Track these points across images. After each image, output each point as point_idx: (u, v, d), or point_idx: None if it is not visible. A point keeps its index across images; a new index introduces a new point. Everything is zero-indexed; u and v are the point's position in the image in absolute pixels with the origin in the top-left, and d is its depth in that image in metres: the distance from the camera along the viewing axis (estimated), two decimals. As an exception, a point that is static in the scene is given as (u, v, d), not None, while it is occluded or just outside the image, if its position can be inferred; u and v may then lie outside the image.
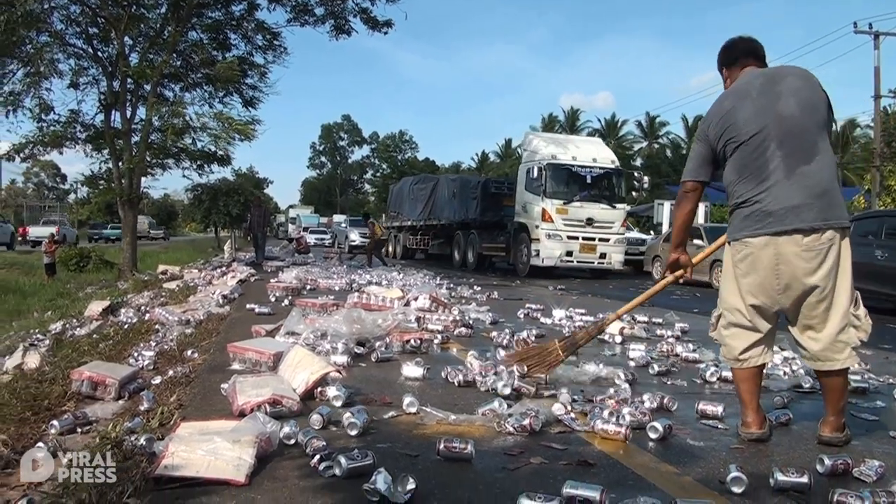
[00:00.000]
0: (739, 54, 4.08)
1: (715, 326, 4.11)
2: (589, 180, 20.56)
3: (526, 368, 4.98)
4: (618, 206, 20.99)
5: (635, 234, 23.99)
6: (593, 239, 20.42)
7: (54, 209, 76.87)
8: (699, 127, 4.12)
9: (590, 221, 20.34)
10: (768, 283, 3.74)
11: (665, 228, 28.32)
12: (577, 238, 20.30)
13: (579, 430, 3.83)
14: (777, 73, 3.87)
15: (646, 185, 29.48)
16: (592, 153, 21.64)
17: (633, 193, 23.95)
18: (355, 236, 38.58)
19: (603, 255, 20.56)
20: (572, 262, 20.55)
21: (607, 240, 20.58)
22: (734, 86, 3.97)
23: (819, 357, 3.74)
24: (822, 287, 3.65)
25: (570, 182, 20.50)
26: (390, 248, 32.78)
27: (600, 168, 20.91)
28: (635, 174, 24.30)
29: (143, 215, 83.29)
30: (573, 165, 20.58)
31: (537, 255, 20.15)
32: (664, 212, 30.75)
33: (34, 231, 42.17)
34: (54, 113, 19.99)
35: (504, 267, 24.30)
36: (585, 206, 20.36)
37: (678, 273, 4.40)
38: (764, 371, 4.10)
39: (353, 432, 3.60)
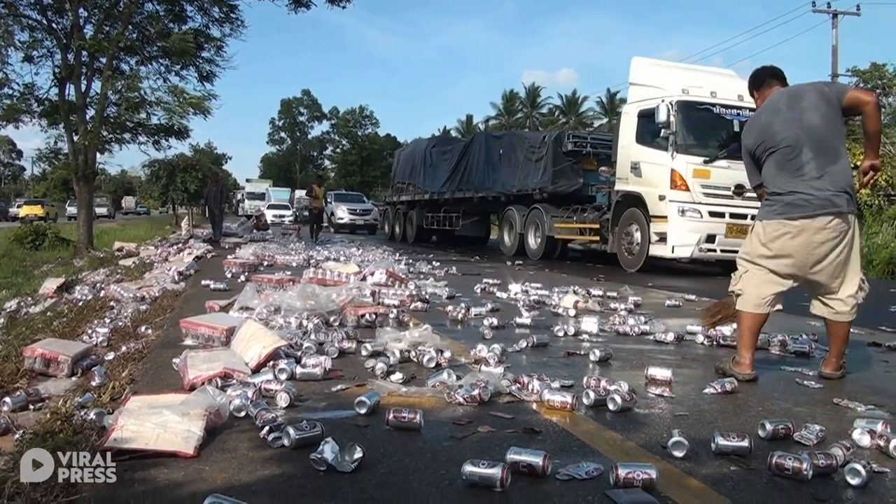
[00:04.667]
0: (766, 77, 4.99)
1: (736, 280, 4.86)
2: (737, 128, 13.71)
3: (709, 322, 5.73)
4: None
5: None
6: (744, 216, 13.50)
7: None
8: (742, 140, 4.99)
9: (739, 190, 13.71)
10: (801, 257, 4.54)
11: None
12: (722, 215, 13.86)
13: (527, 401, 3.90)
14: (798, 90, 4.71)
15: None
16: (736, 88, 14.43)
17: None
18: (343, 213, 35.06)
19: None
20: (715, 250, 13.99)
21: None
22: (765, 103, 4.83)
23: (839, 311, 4.69)
24: (844, 259, 4.55)
25: (710, 131, 14.30)
26: (397, 229, 28.79)
27: (751, 111, 14.28)
28: None
29: (129, 196, 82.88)
30: (714, 105, 14.17)
31: (662, 240, 13.89)
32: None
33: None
34: (9, 87, 19.64)
35: (579, 256, 19.46)
36: (733, 167, 13.31)
37: None
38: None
39: (363, 410, 3.59)
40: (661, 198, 13.98)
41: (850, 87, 4.74)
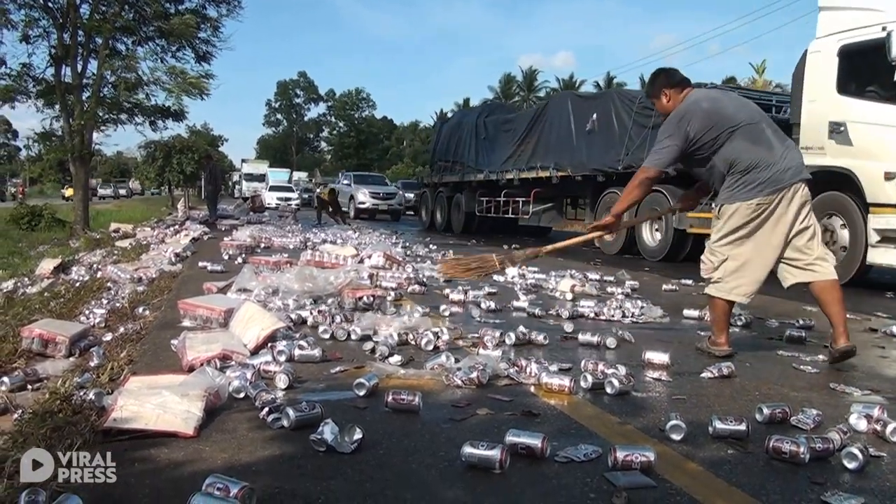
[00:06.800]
0: (680, 79, 5.03)
1: (713, 269, 4.85)
2: None
3: (451, 272, 5.94)
4: None
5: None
6: None
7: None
8: (674, 126, 4.76)
9: None
10: (781, 229, 4.63)
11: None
12: None
13: (525, 383, 3.91)
14: (722, 91, 5.30)
15: None
16: None
17: None
18: (364, 197, 30.65)
19: None
20: None
21: None
22: (699, 94, 4.86)
23: (822, 271, 4.69)
24: (809, 225, 4.69)
25: None
26: (438, 216, 24.34)
27: None
28: None
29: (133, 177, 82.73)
30: None
31: (892, 240, 9.18)
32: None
33: None
34: (6, 66, 19.52)
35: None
36: None
37: (598, 233, 5.65)
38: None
39: (362, 392, 3.60)
40: (890, 176, 9.20)
41: None
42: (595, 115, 15.61)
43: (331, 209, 24.20)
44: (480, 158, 20.99)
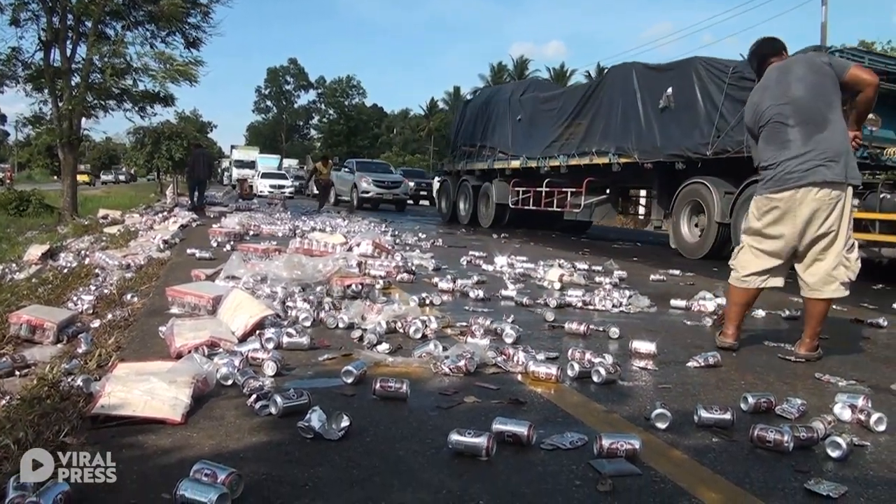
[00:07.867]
0: (765, 52, 4.96)
1: (735, 256, 4.92)
2: None
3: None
4: None
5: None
6: None
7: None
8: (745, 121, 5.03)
9: None
10: (789, 230, 4.54)
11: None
12: None
13: (513, 372, 3.93)
14: (787, 64, 4.74)
15: None
16: None
17: None
18: (368, 185, 27.95)
19: None
20: None
21: None
22: (761, 82, 4.84)
23: (813, 287, 4.62)
24: (828, 232, 4.49)
25: None
26: (462, 208, 21.68)
27: None
28: None
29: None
30: None
31: None
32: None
33: None
34: (-7, 51, 19.36)
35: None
36: None
37: None
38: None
39: (350, 380, 3.60)
40: None
41: (853, 65, 4.58)
42: (670, 90, 13.15)
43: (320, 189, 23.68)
44: (516, 142, 18.35)
